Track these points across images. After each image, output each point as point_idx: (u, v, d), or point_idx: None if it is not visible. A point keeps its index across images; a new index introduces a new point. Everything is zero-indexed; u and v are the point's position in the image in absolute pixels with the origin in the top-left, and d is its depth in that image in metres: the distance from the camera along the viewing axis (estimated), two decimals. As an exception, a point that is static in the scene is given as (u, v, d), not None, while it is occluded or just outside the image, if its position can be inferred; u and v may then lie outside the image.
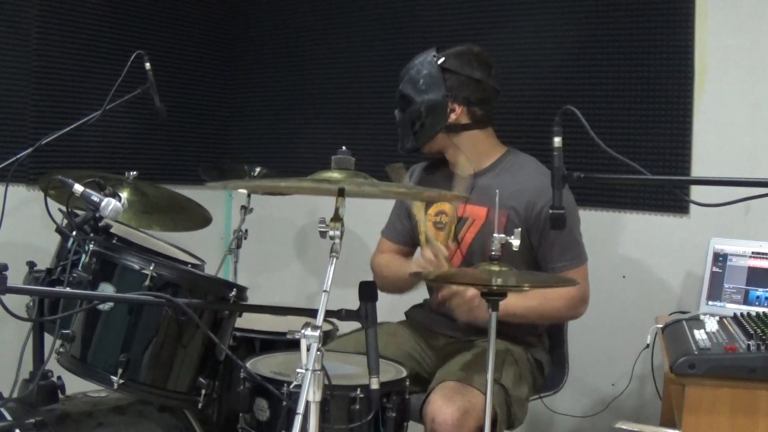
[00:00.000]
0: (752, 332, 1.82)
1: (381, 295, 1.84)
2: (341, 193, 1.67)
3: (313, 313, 1.62)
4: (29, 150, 2.49)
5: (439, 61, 2.31)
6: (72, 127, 2.52)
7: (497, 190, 2.02)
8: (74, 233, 2.05)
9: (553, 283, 2.18)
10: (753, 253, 2.40)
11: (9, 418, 1.88)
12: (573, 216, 2.28)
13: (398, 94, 2.38)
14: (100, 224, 2.05)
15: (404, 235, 2.56)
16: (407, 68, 2.37)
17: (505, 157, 2.40)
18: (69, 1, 3.27)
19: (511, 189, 2.28)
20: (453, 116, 2.32)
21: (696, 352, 1.73)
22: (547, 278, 2.19)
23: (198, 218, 2.82)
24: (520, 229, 1.94)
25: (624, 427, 1.91)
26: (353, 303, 1.78)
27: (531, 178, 2.30)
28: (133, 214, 2.56)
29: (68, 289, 1.95)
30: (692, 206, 2.72)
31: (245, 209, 3.20)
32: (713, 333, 1.88)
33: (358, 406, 1.82)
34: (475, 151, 2.37)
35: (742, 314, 2.04)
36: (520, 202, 2.27)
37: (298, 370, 1.53)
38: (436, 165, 2.53)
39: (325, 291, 1.60)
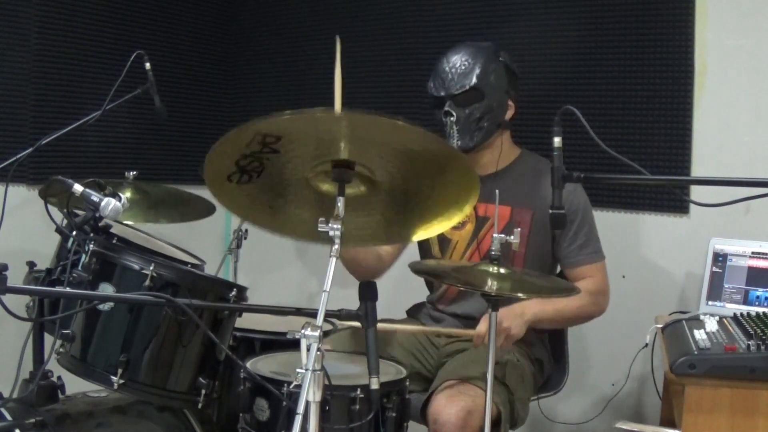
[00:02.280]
0: (752, 332, 1.82)
1: (381, 294, 1.83)
2: (341, 192, 1.67)
3: (313, 313, 1.62)
4: (29, 150, 2.49)
5: (501, 57, 2.33)
6: (72, 127, 2.52)
7: (497, 191, 2.01)
8: (74, 233, 2.05)
9: (550, 289, 2.16)
10: (753, 253, 2.40)
11: (9, 418, 1.88)
12: (589, 213, 2.34)
13: (462, 88, 2.28)
14: (100, 224, 2.05)
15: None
16: (469, 63, 2.29)
17: (522, 158, 2.43)
18: (69, 1, 3.27)
19: (534, 189, 2.31)
20: (509, 113, 2.37)
21: (696, 352, 1.73)
22: (545, 282, 2.19)
23: (202, 208, 2.82)
24: (520, 228, 1.94)
25: (624, 427, 1.91)
26: (353, 303, 1.78)
27: (547, 176, 2.32)
28: (139, 210, 2.57)
29: (68, 289, 1.95)
30: (692, 206, 2.72)
31: (245, 209, 3.20)
32: (713, 333, 1.88)
33: (358, 406, 1.82)
34: (504, 149, 2.40)
35: (742, 314, 2.04)
36: (544, 201, 2.28)
37: (298, 370, 1.53)
38: None
39: (325, 291, 1.60)
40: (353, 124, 1.58)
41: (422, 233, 1.85)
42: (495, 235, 1.89)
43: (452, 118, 2.31)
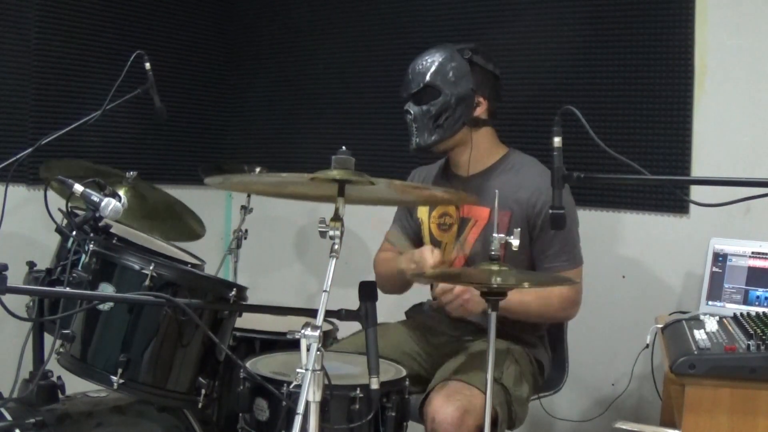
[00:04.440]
0: (752, 332, 1.82)
1: (381, 295, 1.84)
2: (341, 192, 1.67)
3: (313, 313, 1.62)
4: (29, 150, 2.49)
5: (466, 56, 2.31)
6: (72, 127, 2.52)
7: (497, 191, 2.02)
8: (74, 233, 2.05)
9: (551, 282, 2.18)
10: (753, 253, 2.40)
11: (9, 418, 1.88)
12: (572, 218, 2.28)
13: (418, 86, 2.30)
14: (100, 224, 2.05)
15: (406, 234, 2.57)
16: (427, 63, 2.31)
17: (507, 158, 2.40)
18: (69, 1, 3.28)
19: (512, 189, 2.29)
20: (478, 110, 2.34)
21: (696, 352, 1.73)
22: (546, 278, 2.19)
23: (191, 230, 2.81)
24: (519, 229, 1.94)
25: (624, 427, 1.91)
26: (353, 303, 1.78)
27: (531, 178, 2.31)
28: (133, 219, 2.56)
29: (68, 289, 1.95)
30: (692, 206, 2.72)
31: (245, 209, 3.20)
32: (713, 333, 1.88)
33: (357, 406, 1.82)
34: (483, 148, 2.38)
35: (742, 314, 2.04)
36: (521, 201, 2.28)
37: (298, 370, 1.53)
38: (433, 168, 2.54)
39: (325, 291, 1.60)
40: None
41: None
42: (495, 235, 1.89)
43: (410, 116, 2.33)
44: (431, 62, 2.31)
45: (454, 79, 2.29)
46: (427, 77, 2.29)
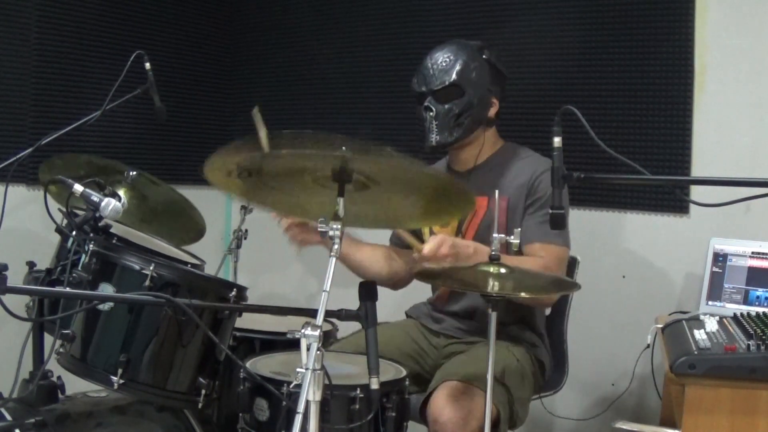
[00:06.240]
0: (752, 332, 1.82)
1: (381, 295, 1.84)
2: (341, 192, 1.68)
3: (313, 313, 1.62)
4: (29, 150, 2.49)
5: (485, 55, 2.33)
6: (72, 127, 2.52)
7: (497, 191, 2.02)
8: (74, 233, 2.05)
9: (552, 290, 2.15)
10: (753, 253, 2.40)
11: (9, 418, 1.88)
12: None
13: (442, 84, 2.29)
14: (100, 224, 2.05)
15: (402, 240, 2.57)
16: (450, 60, 2.30)
17: (504, 149, 2.44)
18: (69, 1, 3.28)
19: (506, 175, 2.32)
20: (492, 110, 2.36)
21: (696, 352, 1.73)
22: (546, 284, 2.17)
23: (193, 229, 2.80)
24: (519, 229, 1.94)
25: (624, 427, 1.91)
26: (353, 303, 1.78)
27: (522, 160, 2.36)
28: (132, 223, 2.55)
29: (68, 289, 1.95)
30: (692, 206, 2.72)
31: (245, 209, 3.20)
32: (713, 333, 1.88)
33: (358, 406, 1.82)
34: (487, 146, 2.40)
35: (742, 314, 2.04)
36: (516, 184, 2.31)
37: (298, 370, 1.53)
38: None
39: (325, 291, 1.60)
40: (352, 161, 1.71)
41: (415, 224, 2.22)
42: (495, 235, 1.89)
43: (431, 113, 2.32)
44: (454, 60, 2.30)
45: (477, 79, 2.30)
46: (453, 76, 2.29)
